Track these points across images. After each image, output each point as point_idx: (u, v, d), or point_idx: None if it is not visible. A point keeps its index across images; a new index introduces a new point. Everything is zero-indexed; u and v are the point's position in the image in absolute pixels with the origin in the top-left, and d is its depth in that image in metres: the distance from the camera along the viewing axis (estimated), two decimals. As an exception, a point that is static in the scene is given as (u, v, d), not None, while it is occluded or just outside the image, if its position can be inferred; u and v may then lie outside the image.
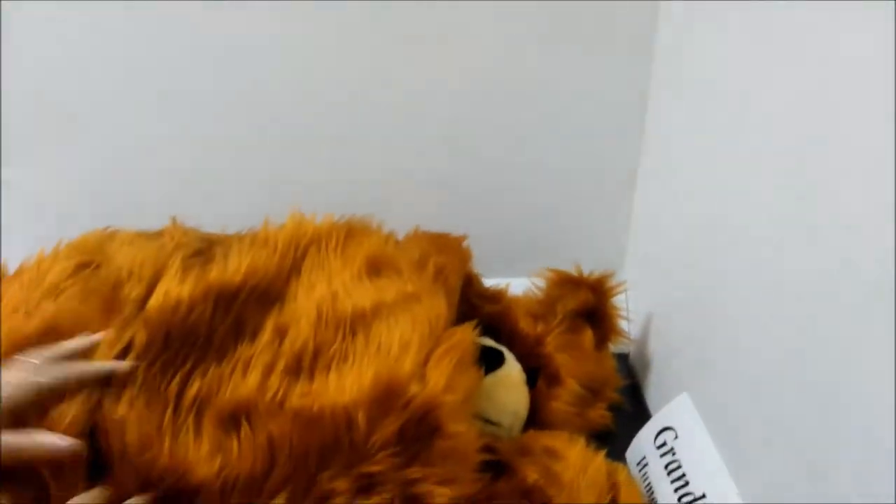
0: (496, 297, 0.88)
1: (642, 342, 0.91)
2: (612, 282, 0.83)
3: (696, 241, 0.81)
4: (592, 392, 0.80)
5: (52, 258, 0.69)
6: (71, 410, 0.49)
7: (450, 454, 0.56)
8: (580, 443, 0.66)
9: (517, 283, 0.91)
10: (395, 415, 0.54)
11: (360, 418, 0.53)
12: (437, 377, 0.57)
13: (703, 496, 0.62)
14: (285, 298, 0.64)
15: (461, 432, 0.56)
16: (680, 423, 0.71)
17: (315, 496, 0.49)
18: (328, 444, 0.50)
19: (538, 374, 0.80)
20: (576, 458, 0.64)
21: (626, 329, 0.85)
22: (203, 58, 0.87)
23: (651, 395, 0.88)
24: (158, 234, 0.76)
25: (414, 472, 0.53)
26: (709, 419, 0.69)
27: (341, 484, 0.49)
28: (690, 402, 0.71)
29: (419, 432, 0.54)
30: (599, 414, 0.80)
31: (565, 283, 0.83)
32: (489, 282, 0.90)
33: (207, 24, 0.85)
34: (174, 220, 0.77)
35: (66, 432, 0.48)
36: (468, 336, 0.63)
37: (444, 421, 0.55)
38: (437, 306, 0.66)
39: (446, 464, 0.55)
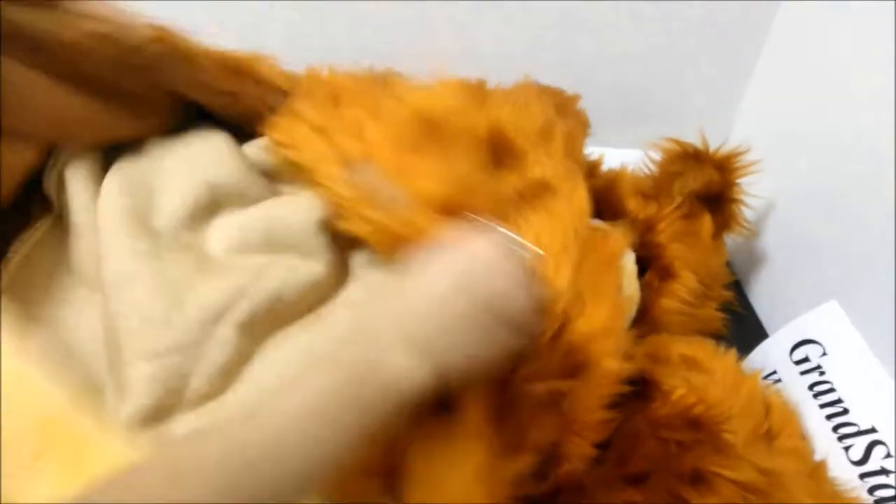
0: (591, 169, 0.73)
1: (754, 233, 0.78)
2: (742, 161, 0.68)
3: (843, 117, 0.67)
4: (705, 288, 0.68)
5: None
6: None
7: (595, 391, 0.43)
8: (729, 356, 0.54)
9: (611, 155, 0.76)
10: (542, 344, 0.41)
11: None
12: (595, 303, 0.43)
13: (873, 429, 0.52)
14: None
15: (615, 371, 0.43)
16: (829, 337, 0.59)
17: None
18: None
19: (646, 264, 0.67)
20: (724, 374, 0.52)
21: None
22: None
23: (758, 296, 0.77)
24: None
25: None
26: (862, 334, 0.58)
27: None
28: (842, 312, 0.60)
29: (565, 367, 0.42)
30: (709, 314, 0.68)
31: (687, 158, 0.68)
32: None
33: None
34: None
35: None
36: (623, 243, 0.49)
37: (599, 357, 0.43)
38: (579, 197, 0.51)
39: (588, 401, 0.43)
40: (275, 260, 0.44)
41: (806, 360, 0.59)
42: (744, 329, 0.71)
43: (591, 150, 0.75)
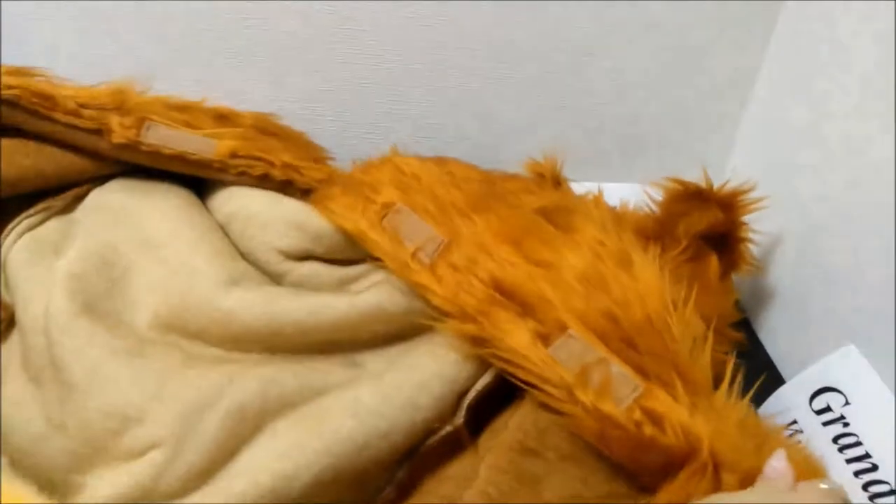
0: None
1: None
2: (748, 197, 0.66)
3: (850, 144, 0.64)
4: (715, 333, 0.65)
5: None
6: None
7: None
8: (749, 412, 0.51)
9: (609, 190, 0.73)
10: None
11: None
12: None
13: (906, 488, 0.49)
14: None
15: None
16: (850, 385, 0.56)
17: None
18: None
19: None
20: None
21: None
22: None
23: (768, 334, 0.74)
24: None
25: None
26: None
27: None
28: (862, 357, 0.57)
29: None
30: (719, 359, 0.65)
31: (691, 198, 0.66)
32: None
33: None
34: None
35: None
36: None
37: None
38: None
39: None
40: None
41: (827, 409, 0.56)
42: (755, 371, 0.68)
43: (590, 186, 0.73)
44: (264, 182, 0.51)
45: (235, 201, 0.50)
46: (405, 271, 0.46)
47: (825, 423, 0.56)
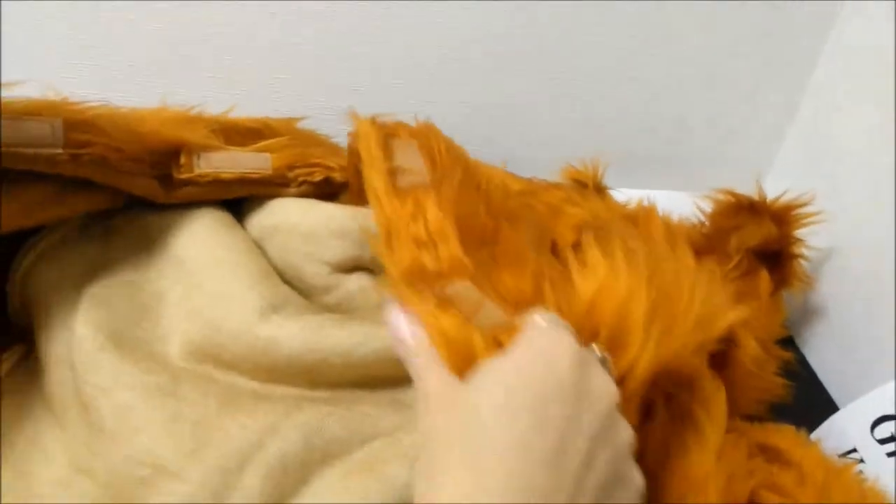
0: (633, 218, 0.67)
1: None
2: (801, 211, 0.63)
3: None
4: (766, 353, 0.62)
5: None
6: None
7: None
8: (815, 447, 0.48)
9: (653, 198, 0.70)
10: None
11: None
12: None
13: None
14: None
15: None
16: (915, 414, 0.53)
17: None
18: None
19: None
20: (812, 469, 0.46)
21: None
22: None
23: (814, 352, 0.71)
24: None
25: None
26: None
27: None
28: (927, 385, 0.54)
29: None
30: (771, 380, 0.62)
31: (743, 211, 0.63)
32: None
33: None
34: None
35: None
36: None
37: None
38: None
39: None
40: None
41: (892, 438, 0.53)
42: (803, 392, 0.65)
43: (632, 193, 0.70)
44: (323, 187, 0.47)
45: (276, 213, 0.46)
46: (373, 176, 0.39)
47: (890, 454, 0.53)
